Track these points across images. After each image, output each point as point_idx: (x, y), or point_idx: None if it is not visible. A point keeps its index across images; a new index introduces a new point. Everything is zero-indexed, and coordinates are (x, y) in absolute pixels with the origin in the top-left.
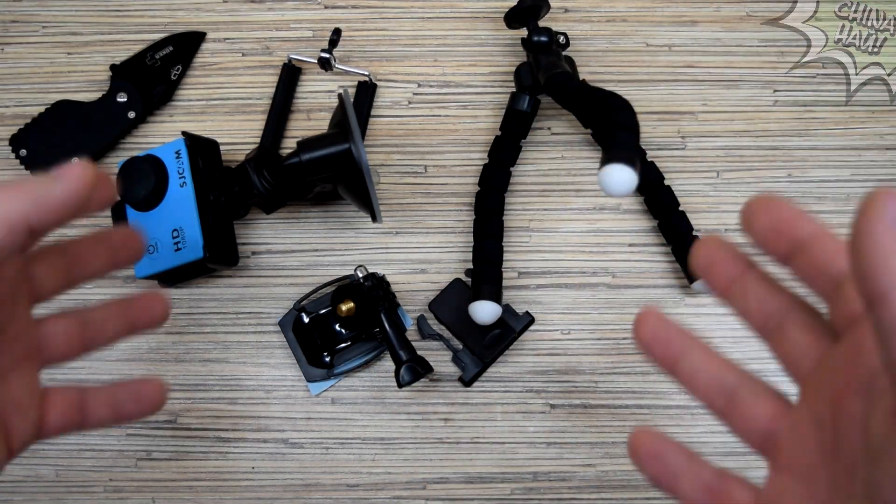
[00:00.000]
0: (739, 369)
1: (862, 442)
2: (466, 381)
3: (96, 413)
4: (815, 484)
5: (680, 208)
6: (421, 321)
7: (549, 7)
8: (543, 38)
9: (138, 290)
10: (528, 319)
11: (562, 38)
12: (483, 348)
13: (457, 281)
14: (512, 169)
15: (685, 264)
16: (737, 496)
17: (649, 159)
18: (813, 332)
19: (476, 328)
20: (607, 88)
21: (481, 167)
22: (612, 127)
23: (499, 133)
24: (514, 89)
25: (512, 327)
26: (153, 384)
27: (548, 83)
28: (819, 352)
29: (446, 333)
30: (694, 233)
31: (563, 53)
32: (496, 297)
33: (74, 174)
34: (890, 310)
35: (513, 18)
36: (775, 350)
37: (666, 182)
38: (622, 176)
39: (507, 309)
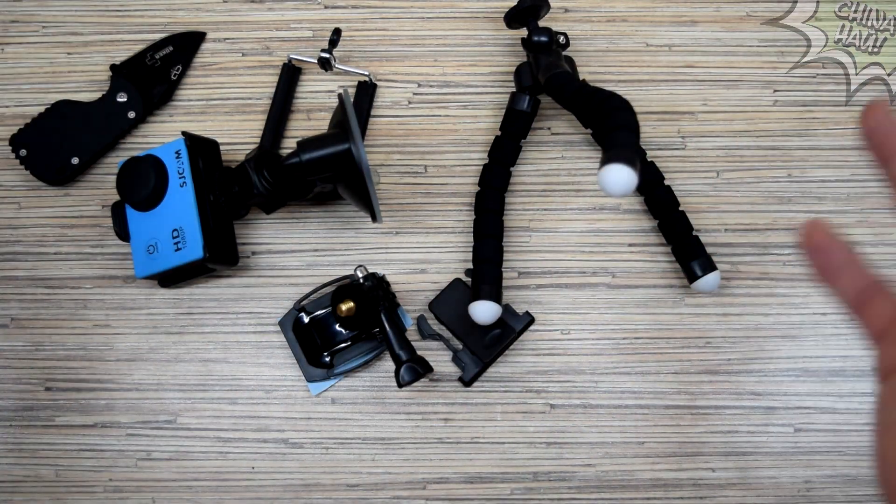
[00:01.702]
0: None
1: None
2: (466, 381)
3: None
4: None
5: (680, 208)
6: (421, 321)
7: (549, 7)
8: (543, 38)
9: (136, 290)
10: (528, 319)
11: (562, 38)
12: (483, 348)
13: (457, 281)
14: (512, 169)
15: (685, 264)
16: (879, 308)
17: (649, 159)
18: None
19: (476, 328)
20: (607, 88)
21: (481, 167)
22: (612, 127)
23: (499, 133)
24: (514, 89)
25: (512, 327)
26: None
27: (548, 83)
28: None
29: (446, 333)
30: (694, 232)
31: (563, 53)
32: (496, 297)
33: None
34: None
35: (513, 18)
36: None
37: (666, 182)
38: (622, 176)
39: (507, 309)
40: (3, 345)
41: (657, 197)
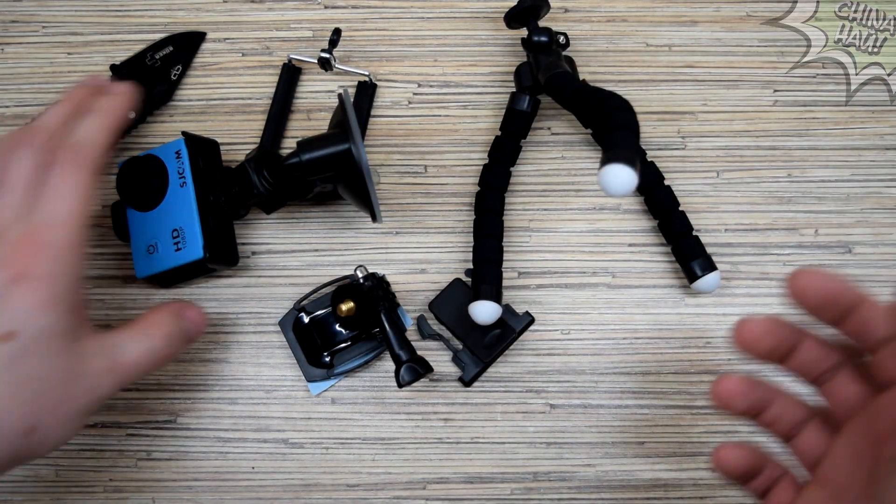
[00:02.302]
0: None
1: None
2: (466, 382)
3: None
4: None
5: (680, 208)
6: (421, 321)
7: (549, 7)
8: (543, 38)
9: (137, 291)
10: (529, 319)
11: (562, 38)
12: (483, 348)
13: (457, 281)
14: (512, 169)
15: (685, 264)
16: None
17: (649, 159)
18: (859, 381)
19: (476, 328)
20: (607, 88)
21: (481, 167)
22: (612, 127)
23: (499, 133)
24: (514, 89)
25: (512, 327)
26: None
27: (548, 83)
28: (863, 397)
29: (446, 333)
30: (694, 232)
31: (564, 53)
32: (496, 297)
33: (200, 324)
34: None
35: (513, 18)
36: (824, 393)
37: (666, 182)
38: (622, 176)
39: (507, 309)
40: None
41: (657, 197)
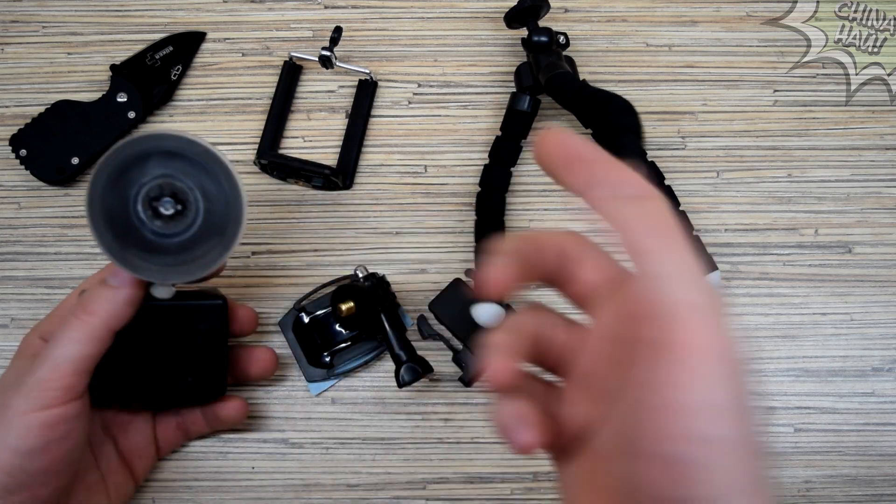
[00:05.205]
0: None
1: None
2: (467, 382)
3: (193, 427)
4: (604, 391)
5: (680, 208)
6: (421, 321)
7: (549, 7)
8: (543, 38)
9: None
10: None
11: (562, 38)
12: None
13: (457, 281)
14: (512, 169)
15: None
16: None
17: (649, 159)
18: (602, 269)
19: (477, 328)
20: (608, 88)
21: (481, 167)
22: (617, 131)
23: (499, 133)
24: (514, 89)
25: None
26: (237, 401)
27: (548, 84)
28: (609, 282)
29: (446, 333)
30: (694, 232)
31: (564, 53)
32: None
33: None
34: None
35: (513, 18)
36: (565, 290)
37: (666, 182)
38: None
39: (510, 310)
40: (3, 345)
41: None
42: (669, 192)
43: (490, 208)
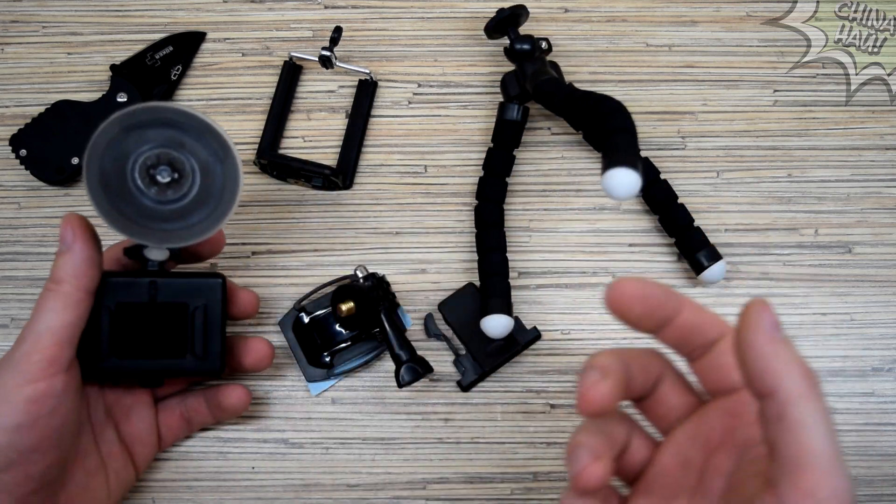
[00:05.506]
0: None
1: (722, 489)
2: (464, 387)
3: (196, 416)
4: None
5: (679, 201)
6: (428, 319)
7: (528, 14)
8: (526, 46)
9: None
10: (535, 334)
11: (544, 44)
12: (485, 356)
13: (470, 285)
14: (508, 179)
15: (691, 256)
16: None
17: (643, 156)
18: (680, 392)
19: (482, 335)
20: (608, 88)
21: (481, 166)
22: (611, 131)
23: (491, 145)
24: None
25: (517, 340)
26: (239, 388)
27: (536, 90)
28: (686, 407)
29: (451, 335)
30: (695, 224)
31: (548, 59)
32: (507, 309)
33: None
34: (776, 404)
35: (493, 29)
36: (645, 410)
37: (662, 177)
38: (627, 179)
39: (517, 322)
40: (3, 345)
41: (655, 191)
42: (667, 186)
43: (489, 221)
